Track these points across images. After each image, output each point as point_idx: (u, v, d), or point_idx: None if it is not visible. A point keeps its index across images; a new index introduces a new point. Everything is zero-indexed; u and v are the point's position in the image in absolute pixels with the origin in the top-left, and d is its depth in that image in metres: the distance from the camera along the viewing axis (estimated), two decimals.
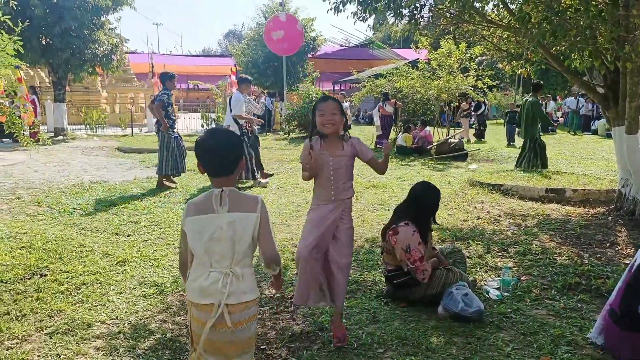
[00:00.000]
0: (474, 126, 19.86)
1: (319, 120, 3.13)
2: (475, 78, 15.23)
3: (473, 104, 18.86)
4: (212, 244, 2.13)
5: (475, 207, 7.04)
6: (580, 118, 23.09)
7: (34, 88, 17.36)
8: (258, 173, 9.03)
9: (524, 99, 10.81)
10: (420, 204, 3.95)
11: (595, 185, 8.03)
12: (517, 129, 17.11)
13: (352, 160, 3.26)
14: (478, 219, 6.44)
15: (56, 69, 17.25)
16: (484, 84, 15.35)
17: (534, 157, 9.94)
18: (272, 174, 9.85)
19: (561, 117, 26.72)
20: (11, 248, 4.97)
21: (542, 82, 11.51)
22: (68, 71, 17.51)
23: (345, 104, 13.76)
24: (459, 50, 14.65)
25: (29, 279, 4.29)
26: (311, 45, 28.49)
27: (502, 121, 17.46)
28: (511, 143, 16.70)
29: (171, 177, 8.66)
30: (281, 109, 21.89)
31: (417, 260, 3.74)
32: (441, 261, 4.04)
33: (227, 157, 2.22)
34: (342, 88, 36.12)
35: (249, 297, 2.16)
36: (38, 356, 3.12)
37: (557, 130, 21.16)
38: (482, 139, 18.62)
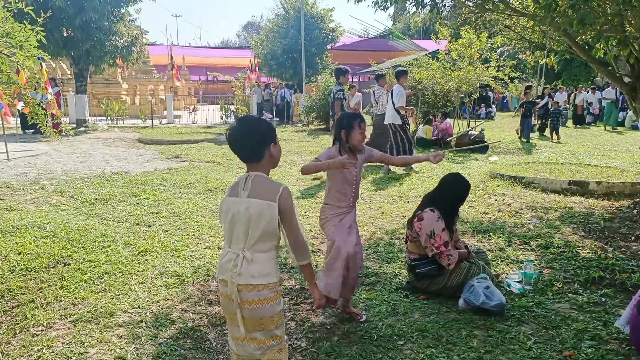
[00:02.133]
0: (536, 121, 17.40)
1: (359, 138, 3.40)
2: (496, 69, 15.00)
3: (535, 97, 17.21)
4: (232, 225, 2.26)
5: (496, 200, 6.95)
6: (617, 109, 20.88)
7: (54, 80, 17.54)
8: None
9: None
10: (452, 195, 3.94)
11: (620, 177, 7.87)
12: (533, 123, 15.90)
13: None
14: (499, 211, 6.36)
15: (77, 61, 17.44)
16: (505, 74, 15.09)
17: None
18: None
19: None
20: (35, 237, 5.05)
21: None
22: (89, 63, 17.71)
23: (359, 94, 13.59)
24: (479, 40, 14.42)
25: (53, 267, 4.37)
26: (330, 37, 28.34)
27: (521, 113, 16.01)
28: (525, 139, 14.35)
29: None
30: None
31: (442, 245, 3.76)
32: (469, 253, 4.02)
33: (246, 146, 2.29)
34: (360, 79, 35.91)
35: (258, 282, 2.22)
36: (62, 343, 3.17)
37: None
38: (541, 134, 16.63)
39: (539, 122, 17.38)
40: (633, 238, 5.27)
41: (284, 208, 2.23)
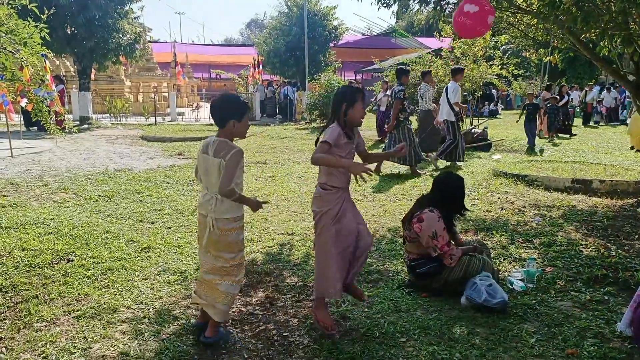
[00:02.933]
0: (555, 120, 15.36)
1: (360, 114, 3.28)
2: (500, 67, 14.96)
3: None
4: (206, 176, 3.07)
5: (499, 198, 6.94)
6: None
7: (59, 77, 17.57)
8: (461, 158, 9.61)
9: None
10: (445, 192, 3.93)
11: (624, 176, 7.85)
12: (539, 127, 14.63)
13: None
14: (502, 209, 6.35)
15: (81, 58, 17.46)
16: (509, 72, 15.05)
17: None
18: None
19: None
20: (39, 234, 5.07)
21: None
22: (93, 60, 17.72)
23: None
24: (483, 38, 14.38)
25: (57, 263, 4.38)
26: (333, 34, 28.28)
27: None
28: (531, 146, 12.68)
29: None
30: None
31: (445, 245, 3.75)
32: (474, 248, 4.02)
33: (216, 113, 3.07)
34: (363, 77, 35.86)
35: (228, 215, 3.04)
36: (66, 339, 3.18)
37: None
38: (569, 135, 15.78)
39: (564, 123, 16.17)
40: (636, 236, 5.25)
41: (228, 163, 2.93)
